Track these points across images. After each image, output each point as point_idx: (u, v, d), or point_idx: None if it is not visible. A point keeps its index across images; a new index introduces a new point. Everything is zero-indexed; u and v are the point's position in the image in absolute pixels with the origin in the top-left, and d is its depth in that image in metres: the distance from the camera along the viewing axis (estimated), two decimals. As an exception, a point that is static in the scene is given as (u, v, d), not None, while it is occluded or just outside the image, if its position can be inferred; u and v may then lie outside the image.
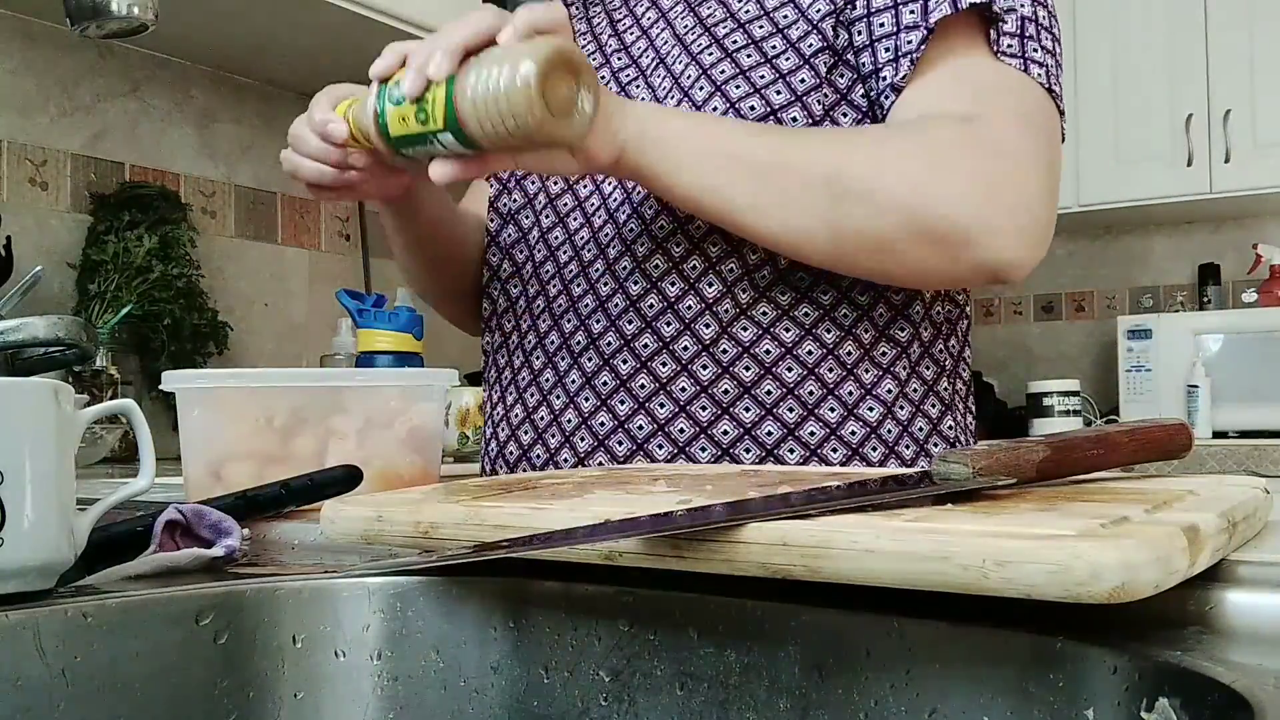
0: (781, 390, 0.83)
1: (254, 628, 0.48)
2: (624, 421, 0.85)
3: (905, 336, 0.86)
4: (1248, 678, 0.32)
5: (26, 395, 0.46)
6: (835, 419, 0.83)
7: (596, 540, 0.42)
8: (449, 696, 0.48)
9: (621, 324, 0.86)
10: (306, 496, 0.63)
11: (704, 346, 0.83)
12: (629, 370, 0.85)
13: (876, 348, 0.85)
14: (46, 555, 0.46)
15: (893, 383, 0.85)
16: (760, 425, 0.83)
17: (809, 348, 0.83)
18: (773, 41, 0.83)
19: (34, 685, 0.43)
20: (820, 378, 0.83)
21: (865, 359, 0.84)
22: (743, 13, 0.85)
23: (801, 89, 0.81)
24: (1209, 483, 0.48)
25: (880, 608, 0.40)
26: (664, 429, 0.84)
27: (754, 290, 0.83)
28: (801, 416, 0.83)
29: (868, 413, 0.84)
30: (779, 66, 0.82)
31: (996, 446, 0.45)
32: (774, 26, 0.83)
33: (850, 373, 0.84)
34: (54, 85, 1.93)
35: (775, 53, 0.82)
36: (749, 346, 0.83)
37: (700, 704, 0.43)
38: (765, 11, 0.84)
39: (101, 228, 1.91)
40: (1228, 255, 3.15)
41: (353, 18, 1.92)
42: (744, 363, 0.83)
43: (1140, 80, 2.94)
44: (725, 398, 0.83)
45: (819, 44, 0.82)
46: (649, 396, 0.85)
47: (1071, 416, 2.94)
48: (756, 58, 0.83)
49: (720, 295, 0.83)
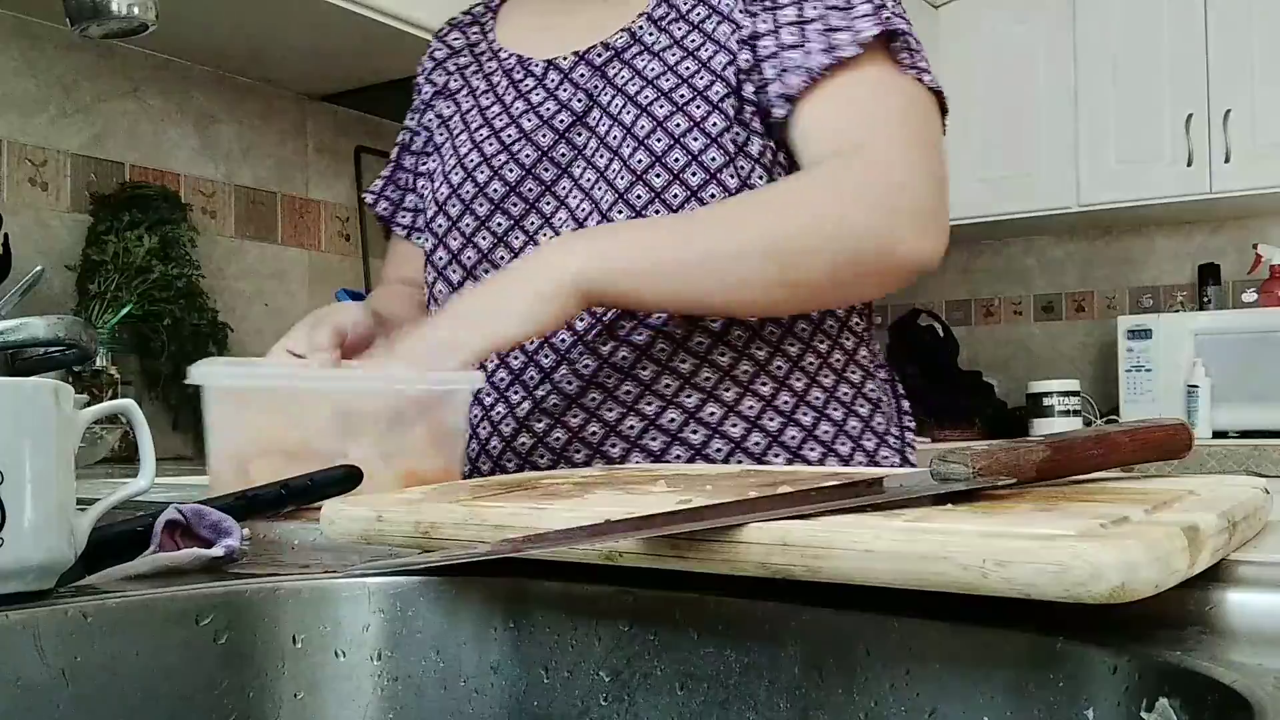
0: (724, 409, 0.90)
1: (254, 628, 0.48)
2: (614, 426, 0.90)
3: (825, 347, 0.94)
4: (1248, 678, 0.32)
5: (26, 395, 0.46)
6: (775, 427, 0.90)
7: (596, 540, 0.42)
8: (449, 696, 0.48)
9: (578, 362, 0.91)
10: (306, 496, 0.63)
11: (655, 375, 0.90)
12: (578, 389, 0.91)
13: (804, 359, 0.93)
14: (46, 555, 0.46)
15: (819, 390, 0.93)
16: (709, 444, 0.89)
17: (745, 366, 0.90)
18: (681, 91, 0.89)
19: (34, 685, 0.43)
20: (756, 392, 0.90)
21: (795, 369, 0.92)
22: (648, 71, 0.91)
23: (714, 131, 0.88)
24: (1209, 483, 0.48)
25: (880, 608, 0.40)
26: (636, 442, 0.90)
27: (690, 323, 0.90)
28: (746, 430, 0.90)
29: (803, 417, 0.91)
30: (691, 114, 0.88)
31: (996, 446, 0.45)
32: (679, 78, 0.90)
33: (784, 384, 0.91)
34: (54, 85, 1.93)
35: (684, 101, 0.89)
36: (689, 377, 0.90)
37: (700, 704, 0.43)
38: (669, 67, 0.91)
39: (101, 228, 1.91)
40: (1228, 255, 3.15)
41: (353, 18, 1.92)
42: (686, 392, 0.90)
43: (1140, 80, 2.94)
44: (667, 419, 0.89)
45: (724, 90, 0.89)
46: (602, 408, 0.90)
47: (1071, 416, 2.95)
48: (669, 108, 0.89)
49: (651, 337, 0.90)
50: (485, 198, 0.96)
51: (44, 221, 1.90)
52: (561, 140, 0.94)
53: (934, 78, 0.89)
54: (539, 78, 0.98)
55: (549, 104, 0.96)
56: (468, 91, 1.04)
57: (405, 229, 1.11)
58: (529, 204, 0.95)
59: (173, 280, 1.92)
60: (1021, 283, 3.50)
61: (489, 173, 0.96)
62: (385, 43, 2.06)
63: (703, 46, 0.90)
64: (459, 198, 0.97)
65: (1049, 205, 3.06)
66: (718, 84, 0.89)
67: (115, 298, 1.84)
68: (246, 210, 2.25)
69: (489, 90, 1.01)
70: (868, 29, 0.85)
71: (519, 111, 0.97)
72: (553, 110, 0.95)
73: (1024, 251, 3.48)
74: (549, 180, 0.94)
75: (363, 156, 2.56)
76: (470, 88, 1.04)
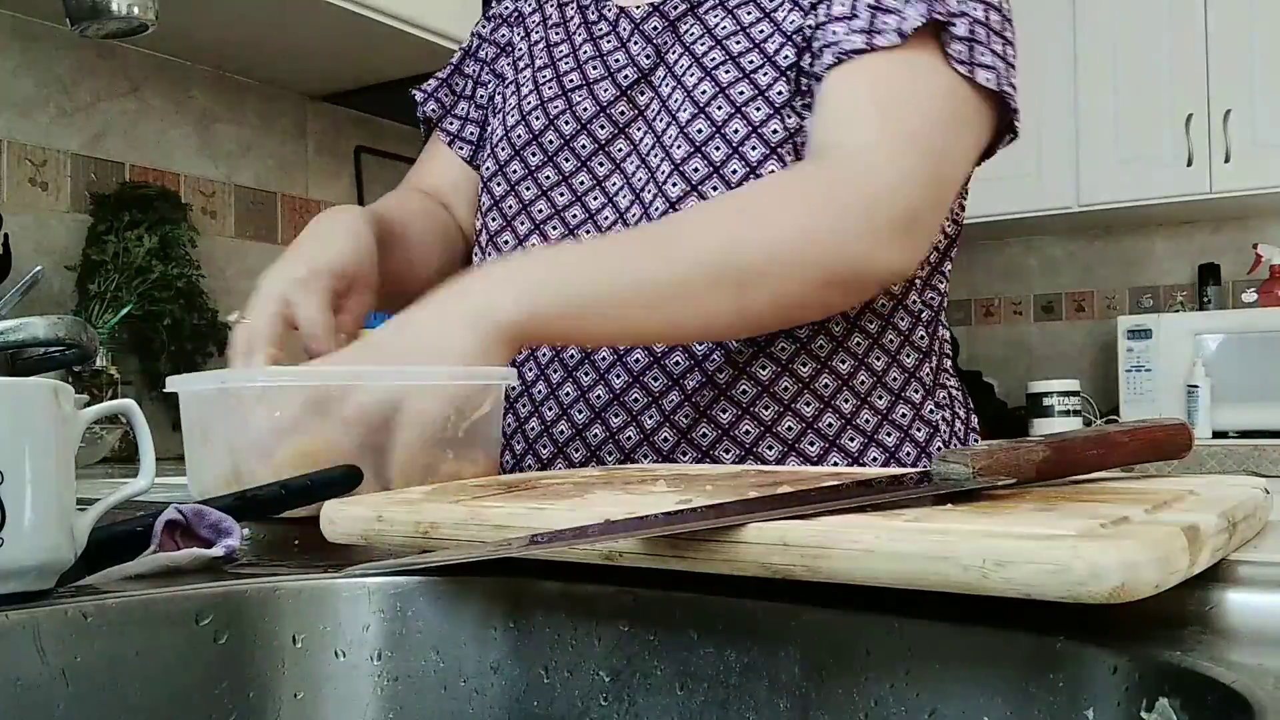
0: (757, 388, 0.84)
1: (254, 628, 0.48)
2: (616, 434, 0.86)
3: (875, 327, 0.87)
4: (1248, 678, 0.32)
5: (26, 395, 0.46)
6: (811, 412, 0.84)
7: (596, 540, 0.42)
8: (449, 696, 0.48)
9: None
10: (306, 496, 0.62)
11: (690, 356, 0.85)
12: (622, 384, 0.86)
13: (850, 338, 0.86)
14: (46, 555, 0.46)
15: (866, 373, 0.86)
16: (739, 424, 0.84)
17: (782, 344, 0.84)
18: (751, 56, 0.84)
19: (34, 685, 0.43)
20: (795, 373, 0.84)
21: (839, 349, 0.85)
22: (720, 30, 0.86)
23: (779, 101, 0.82)
24: (1209, 483, 0.48)
25: (880, 608, 0.40)
26: (649, 438, 0.85)
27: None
28: (778, 413, 0.84)
29: (843, 404, 0.85)
30: (757, 82, 0.83)
31: (996, 446, 0.45)
32: (750, 41, 0.84)
33: (825, 365, 0.85)
34: (54, 85, 1.93)
35: (752, 68, 0.83)
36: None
37: (700, 704, 0.43)
38: (741, 27, 0.85)
39: (101, 228, 1.91)
40: (1228, 255, 3.15)
41: (353, 18, 1.92)
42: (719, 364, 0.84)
43: (1140, 80, 2.94)
44: (703, 400, 0.84)
45: (793, 56, 0.83)
46: (642, 409, 0.86)
47: (1071, 416, 2.94)
48: (735, 74, 0.84)
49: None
50: (539, 146, 0.92)
51: (44, 221, 1.90)
52: (622, 97, 0.90)
53: (996, 76, 0.79)
54: (611, 23, 0.93)
55: (618, 55, 0.91)
56: (540, 19, 0.99)
57: (450, 136, 1.05)
58: (580, 161, 0.91)
59: (173, 280, 1.92)
60: (1021, 283, 3.50)
61: (544, 120, 0.92)
62: (385, 43, 2.07)
63: (780, 5, 0.85)
64: (509, 142, 0.93)
65: (1049, 205, 3.06)
66: (787, 48, 0.83)
67: (115, 298, 1.84)
68: (246, 210, 2.25)
69: (560, 24, 0.96)
70: (914, 18, 0.77)
71: (586, 57, 0.93)
72: (621, 63, 0.91)
73: (1024, 251, 3.48)
74: (603, 139, 0.90)
75: (363, 156, 2.56)
76: (544, 15, 0.99)
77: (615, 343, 0.81)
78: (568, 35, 0.96)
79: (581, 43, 0.94)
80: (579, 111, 0.91)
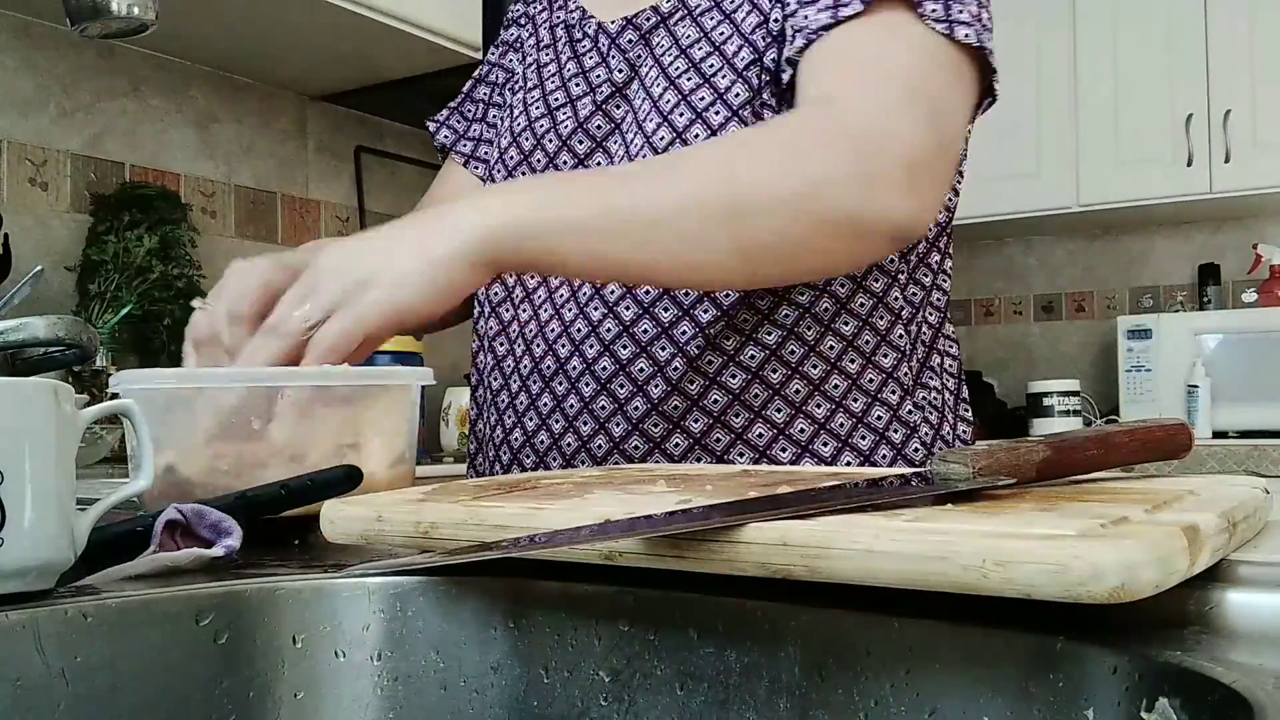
0: (728, 397, 0.84)
1: (254, 628, 0.48)
2: (586, 441, 0.86)
3: (850, 330, 0.85)
4: (1248, 678, 0.32)
5: (26, 395, 0.46)
6: (783, 419, 0.84)
7: (596, 540, 0.42)
8: (449, 696, 0.48)
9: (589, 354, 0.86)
10: (306, 497, 0.62)
11: (660, 367, 0.84)
12: (595, 387, 0.86)
13: (823, 342, 0.85)
14: (46, 555, 0.46)
15: (840, 376, 0.85)
16: (710, 433, 0.84)
17: (751, 351, 0.84)
18: (711, 61, 0.84)
19: (34, 685, 0.43)
20: (765, 379, 0.84)
21: (811, 353, 0.84)
22: (685, 38, 0.86)
23: (736, 103, 0.82)
24: (1209, 483, 0.48)
25: (880, 608, 0.40)
26: (619, 446, 0.85)
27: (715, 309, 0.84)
28: (749, 420, 0.83)
29: (815, 409, 0.84)
30: (716, 86, 0.83)
31: (996, 446, 0.45)
32: (711, 46, 0.85)
33: (796, 370, 0.84)
34: (54, 85, 1.93)
35: (712, 72, 0.84)
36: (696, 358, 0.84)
37: (700, 704, 0.43)
38: (704, 33, 0.86)
39: (101, 228, 1.91)
40: (1228, 255, 3.15)
41: (353, 18, 1.92)
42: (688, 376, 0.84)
43: (1140, 80, 2.94)
44: (675, 412, 0.84)
45: (750, 56, 0.83)
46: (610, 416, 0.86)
47: (1071, 416, 2.95)
48: (697, 80, 0.84)
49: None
50: (529, 166, 0.93)
51: (44, 221, 1.90)
52: (598, 112, 0.91)
53: (975, 33, 0.77)
54: (592, 39, 0.94)
55: (598, 71, 0.92)
56: (535, 43, 1.00)
57: (464, 157, 1.06)
58: None
59: (173, 280, 1.92)
60: (1021, 283, 3.50)
61: (533, 140, 0.93)
62: (385, 43, 2.07)
63: (740, 7, 0.85)
64: (503, 164, 0.95)
65: (1049, 205, 3.06)
66: (745, 49, 0.83)
67: (115, 298, 1.84)
68: (247, 210, 2.25)
69: (550, 45, 0.98)
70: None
71: (570, 74, 0.94)
72: (600, 78, 0.92)
73: (1024, 251, 3.49)
74: (582, 154, 0.91)
75: (363, 156, 2.56)
76: (538, 38, 1.00)
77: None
78: (555, 55, 0.97)
79: (566, 60, 0.95)
80: (561, 129, 0.93)
